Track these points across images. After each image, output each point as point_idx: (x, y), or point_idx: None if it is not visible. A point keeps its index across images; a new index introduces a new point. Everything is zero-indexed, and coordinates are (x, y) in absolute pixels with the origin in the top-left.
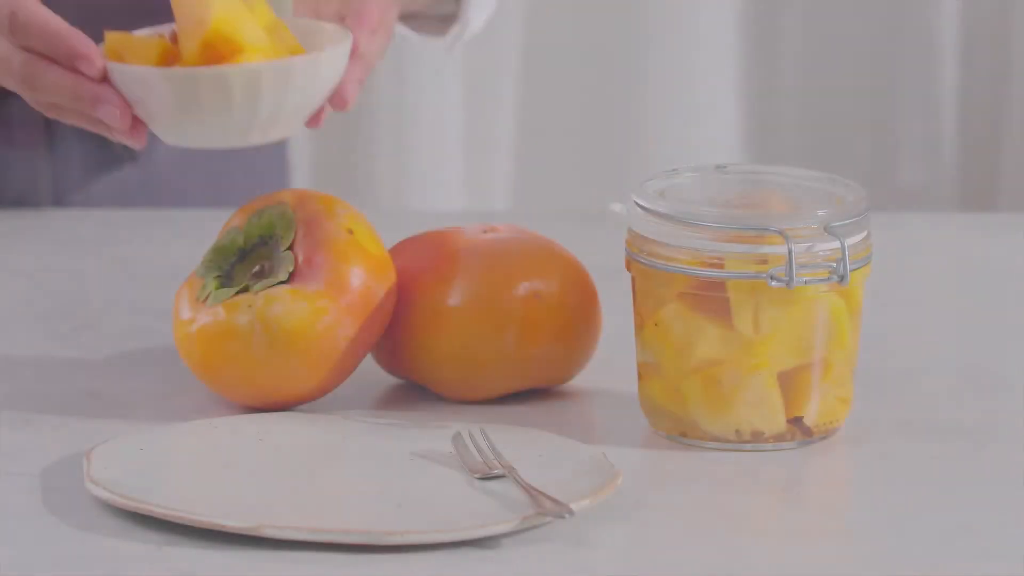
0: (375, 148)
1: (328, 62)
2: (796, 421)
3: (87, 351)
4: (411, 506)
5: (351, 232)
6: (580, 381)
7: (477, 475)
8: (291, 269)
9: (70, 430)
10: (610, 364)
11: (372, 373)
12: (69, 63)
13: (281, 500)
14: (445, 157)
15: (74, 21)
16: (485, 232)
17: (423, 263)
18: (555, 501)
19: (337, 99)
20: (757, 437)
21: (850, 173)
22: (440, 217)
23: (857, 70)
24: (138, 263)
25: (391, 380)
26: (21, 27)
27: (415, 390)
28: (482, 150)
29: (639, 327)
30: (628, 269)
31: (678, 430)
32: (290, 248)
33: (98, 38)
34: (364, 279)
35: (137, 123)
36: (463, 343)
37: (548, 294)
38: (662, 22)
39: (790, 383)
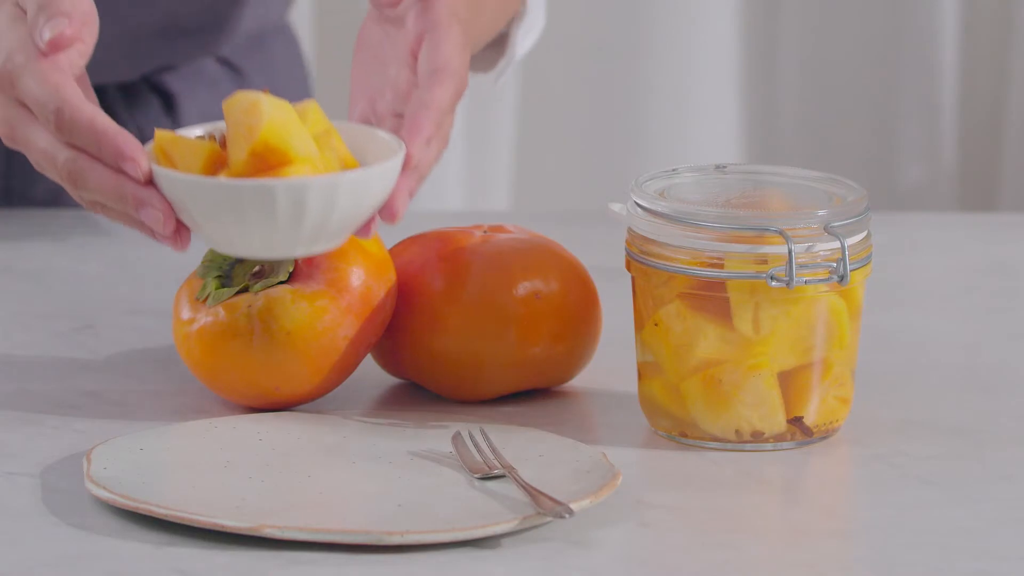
0: None
1: (377, 177)
2: (796, 421)
3: (87, 351)
4: (411, 506)
5: None
6: (580, 381)
7: (477, 475)
8: (291, 269)
9: (70, 430)
10: (610, 364)
11: (372, 373)
12: (114, 163)
13: (281, 500)
14: (445, 157)
15: (111, 43)
16: (490, 232)
17: (423, 263)
18: (555, 501)
19: (387, 212)
20: (757, 437)
21: (850, 173)
22: (440, 217)
23: (857, 70)
24: (138, 263)
25: (391, 380)
26: (67, 124)
27: (415, 390)
28: (482, 150)
29: (639, 327)
30: (628, 269)
31: (678, 430)
32: None
33: (136, 63)
34: (364, 279)
35: (181, 227)
36: (463, 343)
37: (548, 294)
38: (662, 22)
39: (790, 383)
